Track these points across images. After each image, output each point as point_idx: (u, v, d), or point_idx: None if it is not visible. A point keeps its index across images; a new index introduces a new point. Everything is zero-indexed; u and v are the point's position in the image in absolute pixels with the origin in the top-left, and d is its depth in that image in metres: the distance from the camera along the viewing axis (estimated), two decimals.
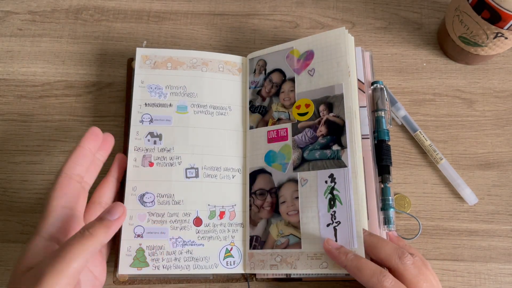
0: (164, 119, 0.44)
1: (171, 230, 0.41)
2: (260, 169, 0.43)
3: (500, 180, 0.46)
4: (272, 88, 0.45)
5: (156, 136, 0.44)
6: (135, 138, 0.44)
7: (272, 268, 0.40)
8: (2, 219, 0.45)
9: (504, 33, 0.42)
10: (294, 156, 0.42)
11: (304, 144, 0.42)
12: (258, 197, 0.43)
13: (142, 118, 0.44)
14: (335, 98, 0.42)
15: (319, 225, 0.39)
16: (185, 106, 0.45)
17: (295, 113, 0.43)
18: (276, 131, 0.44)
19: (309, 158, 0.41)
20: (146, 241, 0.41)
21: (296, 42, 0.46)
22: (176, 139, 0.44)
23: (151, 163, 0.43)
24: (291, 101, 0.44)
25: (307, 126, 0.42)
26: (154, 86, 0.45)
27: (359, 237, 0.37)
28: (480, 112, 0.49)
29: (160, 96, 0.45)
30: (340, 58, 0.42)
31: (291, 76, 0.45)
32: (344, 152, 0.40)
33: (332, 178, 0.40)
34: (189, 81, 0.46)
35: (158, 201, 0.42)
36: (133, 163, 0.43)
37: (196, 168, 0.43)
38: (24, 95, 0.50)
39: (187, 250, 0.41)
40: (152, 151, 0.43)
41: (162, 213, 0.42)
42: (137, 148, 0.43)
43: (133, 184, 0.42)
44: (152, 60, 0.46)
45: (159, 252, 0.41)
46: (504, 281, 0.43)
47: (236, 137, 0.45)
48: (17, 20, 0.53)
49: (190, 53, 0.47)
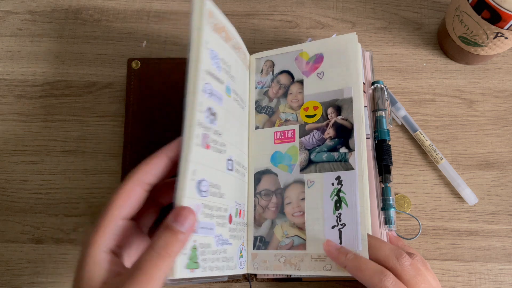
0: (219, 96, 0.36)
1: (216, 227, 0.35)
2: (265, 170, 0.43)
3: (500, 180, 0.46)
4: (280, 89, 0.45)
5: (212, 114, 0.35)
6: (199, 110, 0.34)
7: (276, 269, 0.40)
8: (2, 219, 0.45)
9: (504, 33, 0.42)
10: (301, 157, 0.42)
11: (311, 146, 0.42)
12: (263, 198, 0.43)
13: (205, 87, 0.35)
14: (344, 101, 0.42)
15: (324, 227, 0.39)
16: (230, 88, 0.39)
17: (303, 115, 0.43)
18: (283, 132, 0.44)
19: (316, 160, 0.41)
20: (200, 238, 0.33)
21: (306, 45, 0.46)
22: (225, 123, 0.37)
23: (207, 145, 0.34)
24: (299, 103, 0.44)
25: (314, 128, 0.43)
26: (214, 53, 0.36)
27: (364, 240, 0.37)
28: (480, 112, 0.49)
29: (217, 68, 0.37)
30: (350, 63, 0.43)
31: (299, 78, 0.45)
32: (352, 154, 0.40)
33: (339, 180, 0.40)
34: (233, 62, 0.40)
35: (210, 192, 0.35)
36: (196, 141, 0.33)
37: (233, 160, 0.39)
38: (24, 95, 0.50)
39: (224, 250, 0.36)
40: (209, 131, 0.35)
41: (212, 206, 0.35)
42: (199, 123, 0.33)
43: (194, 166, 0.33)
44: (214, 20, 0.37)
45: (207, 251, 0.34)
46: (504, 281, 0.43)
47: (247, 135, 0.45)
48: (17, 20, 0.53)
49: (234, 31, 0.41)
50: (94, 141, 0.48)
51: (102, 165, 0.47)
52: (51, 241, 0.45)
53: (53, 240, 0.45)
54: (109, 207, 0.32)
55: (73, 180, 0.47)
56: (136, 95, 0.47)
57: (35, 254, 0.44)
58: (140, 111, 0.47)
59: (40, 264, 0.44)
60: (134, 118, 0.46)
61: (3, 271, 0.44)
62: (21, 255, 0.44)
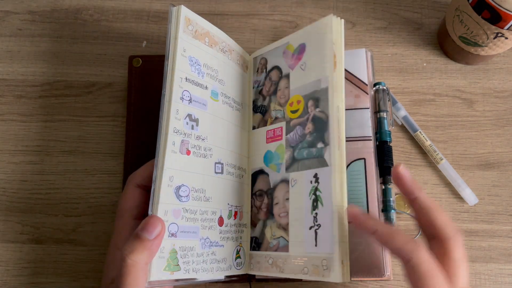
0: (201, 102, 0.38)
1: (201, 230, 0.37)
2: (259, 170, 0.43)
3: (500, 180, 0.46)
4: (271, 86, 0.44)
5: (193, 120, 0.37)
6: (175, 117, 0.36)
7: (265, 271, 0.39)
8: (2, 219, 0.45)
9: (504, 33, 0.42)
10: (287, 155, 0.40)
11: (295, 142, 0.40)
12: (258, 198, 0.42)
13: (183, 95, 0.37)
14: (321, 92, 0.38)
15: (304, 228, 0.37)
16: (217, 92, 0.40)
17: (289, 110, 0.41)
18: (273, 130, 0.42)
19: (298, 157, 0.39)
20: (179, 241, 0.35)
21: (291, 36, 0.43)
22: (209, 128, 0.39)
23: (188, 151, 0.36)
24: (285, 98, 0.42)
25: (298, 124, 0.40)
26: (194, 60, 0.38)
27: (336, 242, 0.34)
28: (480, 112, 0.49)
29: (199, 74, 0.38)
30: (326, 49, 0.39)
31: (286, 73, 0.43)
32: (327, 149, 0.37)
33: (316, 178, 0.37)
34: (221, 66, 0.41)
35: (192, 196, 0.36)
36: (172, 148, 0.35)
37: (222, 163, 0.40)
38: (24, 95, 0.50)
39: (212, 252, 0.37)
40: (189, 137, 0.37)
41: (195, 210, 0.36)
42: (176, 131, 0.36)
43: (171, 173, 0.35)
44: (194, 27, 0.39)
45: (190, 254, 0.36)
46: (504, 281, 0.43)
47: (245, 136, 0.45)
48: (17, 20, 0.53)
49: (222, 35, 0.42)
50: (94, 141, 0.48)
51: (102, 165, 0.47)
52: (51, 241, 0.45)
53: (53, 240, 0.45)
54: (122, 212, 0.36)
55: (73, 180, 0.47)
56: (137, 94, 0.47)
57: (35, 254, 0.44)
58: (141, 109, 0.47)
59: (40, 264, 0.44)
60: (135, 117, 0.46)
61: (3, 271, 0.44)
62: (21, 255, 0.44)
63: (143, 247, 0.31)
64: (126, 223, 0.36)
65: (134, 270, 0.31)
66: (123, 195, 0.37)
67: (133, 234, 0.32)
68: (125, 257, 0.31)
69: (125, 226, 0.35)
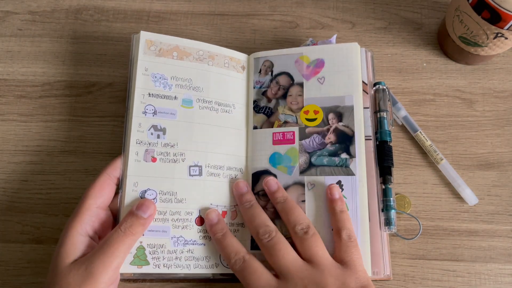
0: (169, 112, 0.42)
1: (172, 229, 0.41)
2: (264, 170, 0.43)
3: (500, 180, 0.46)
4: (279, 90, 0.45)
5: (159, 130, 0.42)
6: (137, 130, 0.41)
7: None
8: (2, 219, 0.45)
9: (504, 33, 0.42)
10: (301, 160, 0.43)
11: (311, 149, 0.43)
12: (262, 198, 0.43)
13: (145, 109, 0.42)
14: (345, 108, 0.43)
15: (324, 229, 0.40)
16: (190, 100, 0.43)
17: (303, 118, 0.44)
18: (283, 133, 0.44)
19: (316, 164, 0.42)
20: (147, 239, 0.40)
21: (306, 49, 0.46)
22: (180, 134, 0.42)
23: (153, 158, 0.41)
24: (298, 105, 0.45)
25: (315, 132, 0.43)
26: (159, 76, 0.43)
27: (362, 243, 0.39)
28: (480, 112, 0.49)
29: (165, 87, 0.43)
30: (352, 71, 0.44)
31: (299, 81, 0.45)
32: (353, 161, 0.42)
33: (340, 184, 0.41)
34: (195, 74, 0.44)
35: (160, 199, 0.41)
36: (135, 157, 0.41)
37: (200, 166, 0.42)
38: (24, 95, 0.50)
39: (188, 250, 0.41)
40: (155, 146, 0.41)
41: (164, 211, 0.41)
42: (139, 141, 0.41)
43: (134, 179, 0.40)
44: (158, 46, 0.44)
45: (160, 251, 0.40)
46: (504, 281, 0.43)
47: (239, 136, 0.45)
48: (17, 20, 0.53)
49: (197, 44, 0.45)
50: (94, 141, 0.48)
51: (102, 165, 0.47)
52: (51, 241, 0.45)
53: (53, 240, 0.45)
54: (86, 197, 0.38)
55: (73, 180, 0.47)
56: None
57: (35, 254, 0.44)
58: None
59: (40, 264, 0.44)
60: None
61: (3, 271, 0.44)
62: (21, 255, 0.44)
63: (138, 223, 0.38)
64: (88, 209, 0.38)
65: (127, 240, 0.37)
66: (92, 183, 0.39)
67: (129, 212, 0.39)
68: (119, 229, 0.37)
69: (86, 212, 0.38)
